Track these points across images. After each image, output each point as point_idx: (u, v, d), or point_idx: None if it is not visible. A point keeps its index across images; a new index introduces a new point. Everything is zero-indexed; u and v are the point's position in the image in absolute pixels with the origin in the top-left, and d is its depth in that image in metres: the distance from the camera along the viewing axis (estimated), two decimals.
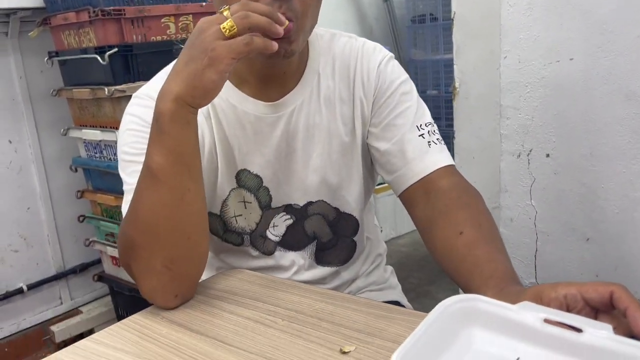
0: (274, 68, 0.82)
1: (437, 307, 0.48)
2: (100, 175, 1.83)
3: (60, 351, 0.64)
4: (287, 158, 0.85)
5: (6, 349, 2.01)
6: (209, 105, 0.75)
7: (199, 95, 0.65)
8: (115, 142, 1.67)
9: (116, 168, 1.68)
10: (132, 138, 0.79)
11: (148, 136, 0.77)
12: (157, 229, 0.69)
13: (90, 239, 1.97)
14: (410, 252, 2.65)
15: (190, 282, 0.74)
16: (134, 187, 0.76)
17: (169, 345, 0.64)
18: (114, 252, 1.86)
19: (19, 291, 2.03)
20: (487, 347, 0.48)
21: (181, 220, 0.70)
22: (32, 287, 2.05)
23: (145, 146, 0.77)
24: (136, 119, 0.81)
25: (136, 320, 0.70)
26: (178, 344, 0.64)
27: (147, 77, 1.64)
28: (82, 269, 2.17)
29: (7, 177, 1.98)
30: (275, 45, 0.65)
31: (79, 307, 2.18)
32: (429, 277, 2.38)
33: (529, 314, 0.46)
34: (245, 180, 0.85)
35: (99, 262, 2.12)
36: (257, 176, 0.85)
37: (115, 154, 1.73)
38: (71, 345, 0.65)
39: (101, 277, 2.03)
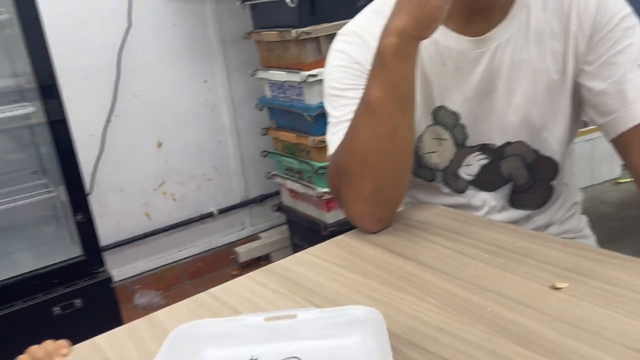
0: (481, 1, 0.80)
1: (167, 338, 0.52)
2: (283, 114, 1.97)
3: (283, 260, 0.74)
4: (488, 96, 0.84)
5: (199, 264, 2.33)
6: None
7: (423, 25, 0.68)
8: (298, 82, 1.78)
9: (298, 108, 1.80)
10: (339, 74, 0.84)
11: (354, 72, 0.82)
12: (369, 158, 0.74)
13: (272, 173, 2.15)
14: (589, 208, 2.46)
15: (392, 209, 0.80)
16: (340, 120, 0.82)
17: (378, 264, 0.69)
18: (293, 186, 2.02)
19: (210, 215, 2.31)
20: (226, 356, 0.54)
21: (391, 151, 0.74)
22: (221, 212, 2.33)
23: (352, 81, 0.82)
24: (342, 55, 0.85)
25: (343, 240, 0.77)
26: (386, 264, 0.69)
27: (332, 19, 1.71)
28: (262, 199, 2.40)
29: (202, 113, 2.23)
30: None
31: (259, 233, 2.43)
32: (609, 235, 2.20)
33: (252, 318, 0.55)
34: (442, 117, 0.86)
35: (277, 194, 2.32)
36: (454, 113, 0.86)
37: (297, 94, 1.84)
38: (291, 256, 0.75)
39: (279, 208, 2.22)
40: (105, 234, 1.95)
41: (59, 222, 1.72)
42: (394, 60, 0.70)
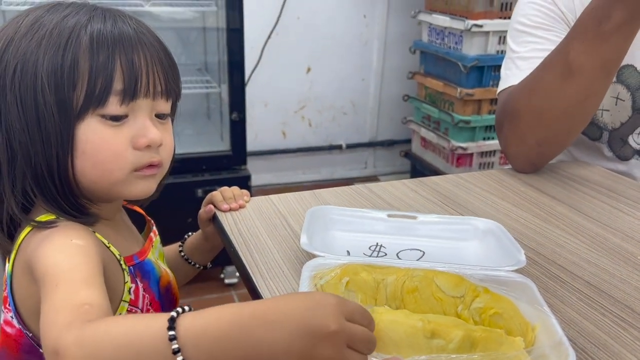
0: None
1: (307, 213, 0.59)
2: (436, 60, 1.96)
3: (434, 177, 0.78)
4: None
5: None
6: None
7: None
8: (461, 31, 1.76)
9: (454, 57, 1.78)
10: (532, 10, 0.83)
11: (548, 12, 0.81)
12: (546, 114, 0.73)
13: (408, 118, 2.17)
14: None
15: (550, 159, 0.80)
16: (520, 56, 0.82)
17: (528, 199, 0.71)
18: (427, 135, 2.03)
19: (339, 147, 2.40)
20: (352, 238, 0.59)
21: (573, 114, 0.73)
22: (348, 146, 2.41)
23: (543, 21, 0.81)
24: None
25: (494, 173, 0.80)
26: (536, 200, 0.71)
27: None
28: (389, 144, 2.44)
29: (354, 47, 2.27)
30: None
31: (379, 175, 2.48)
32: None
33: (376, 212, 0.61)
34: (627, 76, 0.83)
35: (404, 142, 2.35)
36: None
37: (456, 43, 1.82)
38: (442, 175, 0.79)
39: (407, 154, 2.24)
40: None
41: (213, 117, 1.89)
42: (617, 35, 0.66)
